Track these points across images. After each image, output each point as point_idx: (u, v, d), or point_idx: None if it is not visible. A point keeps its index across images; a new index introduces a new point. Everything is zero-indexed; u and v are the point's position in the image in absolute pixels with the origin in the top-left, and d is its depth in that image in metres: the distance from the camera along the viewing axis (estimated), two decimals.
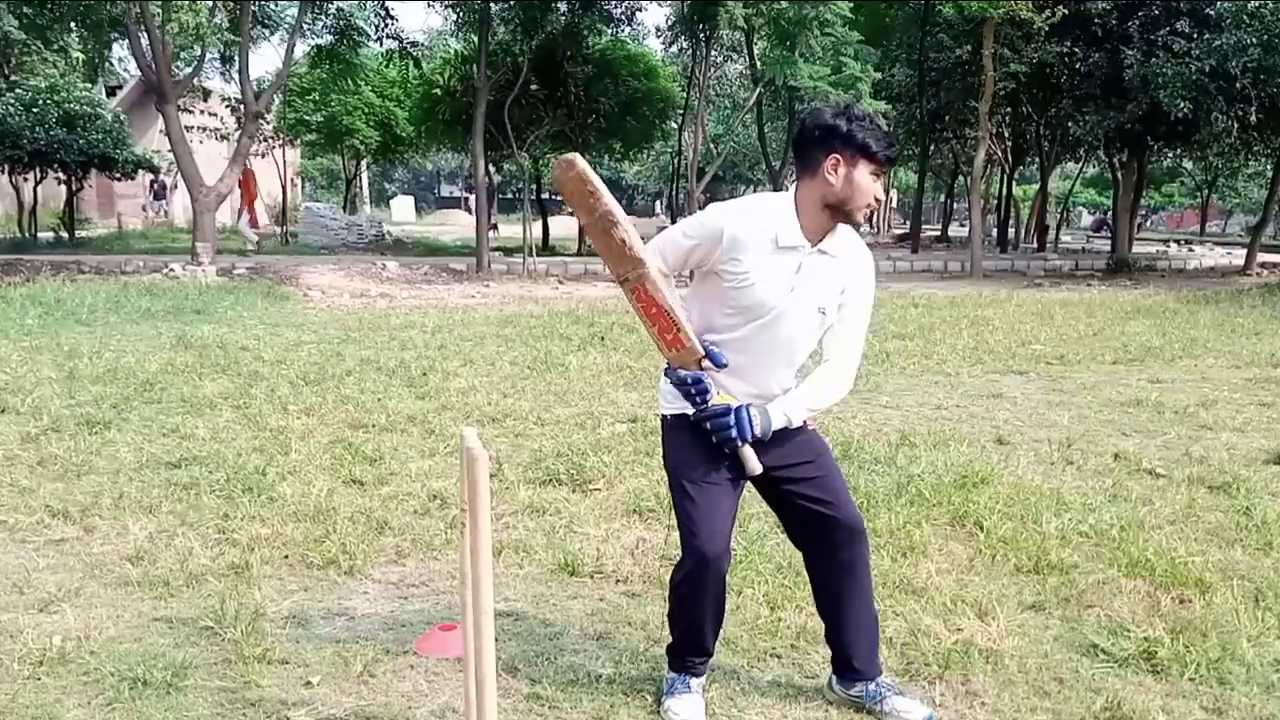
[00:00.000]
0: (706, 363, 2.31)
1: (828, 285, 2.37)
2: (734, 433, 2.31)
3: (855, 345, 2.46)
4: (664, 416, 2.53)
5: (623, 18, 18.86)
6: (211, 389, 6.27)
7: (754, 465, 2.36)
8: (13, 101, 17.81)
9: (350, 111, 23.31)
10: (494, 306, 12.12)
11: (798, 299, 2.34)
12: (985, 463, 4.74)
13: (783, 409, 2.38)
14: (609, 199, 2.27)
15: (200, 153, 17.19)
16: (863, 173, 2.28)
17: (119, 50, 24.18)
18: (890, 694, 2.54)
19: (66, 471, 4.59)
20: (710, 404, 2.33)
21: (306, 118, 23.77)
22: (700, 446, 2.41)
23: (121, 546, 3.67)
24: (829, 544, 2.50)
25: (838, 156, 2.28)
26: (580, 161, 2.26)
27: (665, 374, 2.43)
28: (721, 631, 2.64)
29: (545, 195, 27.58)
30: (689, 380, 2.32)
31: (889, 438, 5.30)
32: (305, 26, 17.14)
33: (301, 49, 18.22)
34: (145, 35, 14.74)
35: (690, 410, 2.39)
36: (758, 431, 2.33)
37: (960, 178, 29.03)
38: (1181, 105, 14.48)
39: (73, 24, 16.57)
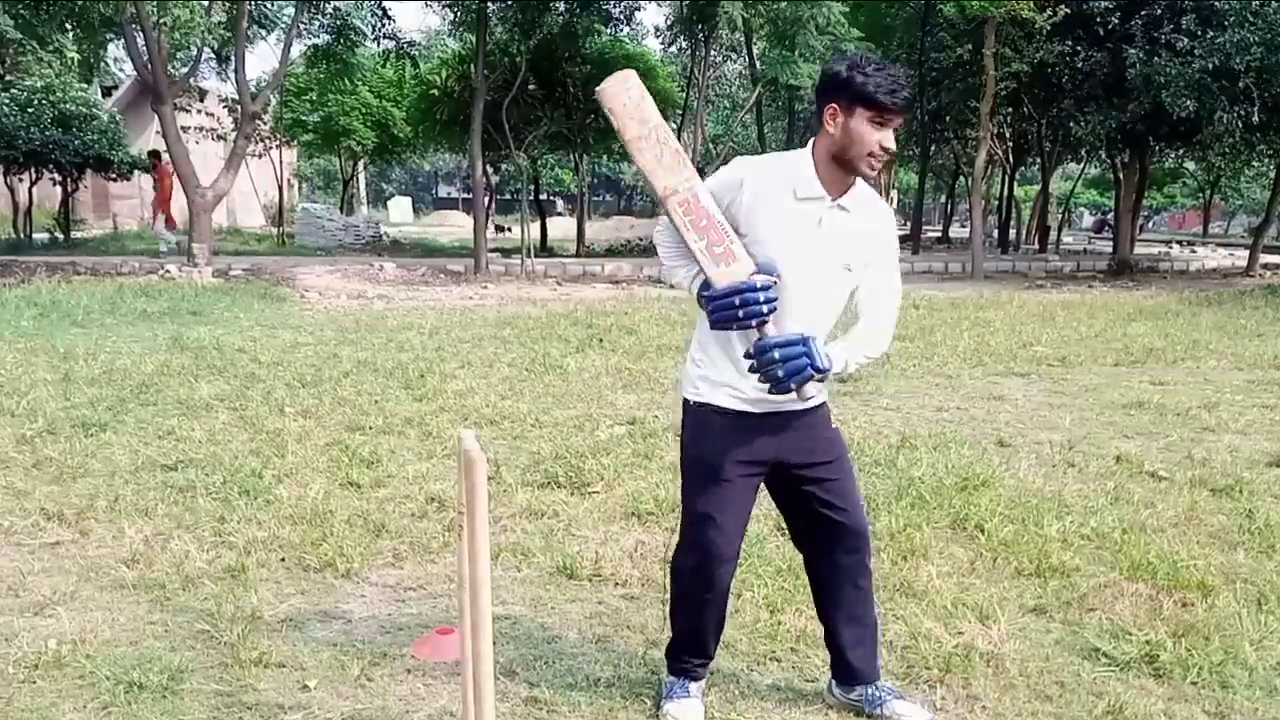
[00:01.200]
0: (759, 277, 2.20)
1: (852, 241, 2.33)
2: (806, 360, 2.16)
3: (892, 296, 2.39)
4: (688, 401, 2.44)
5: (621, 17, 18.85)
6: (208, 391, 6.25)
7: (810, 391, 2.23)
8: (8, 102, 17.77)
9: (347, 112, 23.26)
10: (492, 308, 12.09)
11: (822, 255, 2.30)
12: (986, 465, 4.72)
13: (840, 353, 2.27)
14: (659, 116, 2.31)
15: (197, 153, 17.16)
16: (859, 120, 2.22)
17: (115, 50, 24.19)
18: (891, 698, 2.52)
19: (62, 474, 4.56)
20: (767, 330, 2.21)
21: (303, 118, 23.71)
22: (726, 439, 2.35)
23: (117, 549, 3.65)
24: (834, 547, 2.47)
25: (834, 106, 2.25)
26: (635, 75, 2.33)
27: (708, 301, 2.23)
28: (722, 635, 2.63)
29: (544, 196, 27.58)
30: (759, 286, 2.17)
31: (889, 440, 5.28)
32: (302, 26, 17.10)
33: (298, 49, 18.20)
34: (141, 35, 14.70)
35: (715, 398, 2.35)
36: (824, 364, 2.20)
37: (961, 178, 29.04)
38: (1185, 103, 14.44)
39: (68, 24, 16.52)
